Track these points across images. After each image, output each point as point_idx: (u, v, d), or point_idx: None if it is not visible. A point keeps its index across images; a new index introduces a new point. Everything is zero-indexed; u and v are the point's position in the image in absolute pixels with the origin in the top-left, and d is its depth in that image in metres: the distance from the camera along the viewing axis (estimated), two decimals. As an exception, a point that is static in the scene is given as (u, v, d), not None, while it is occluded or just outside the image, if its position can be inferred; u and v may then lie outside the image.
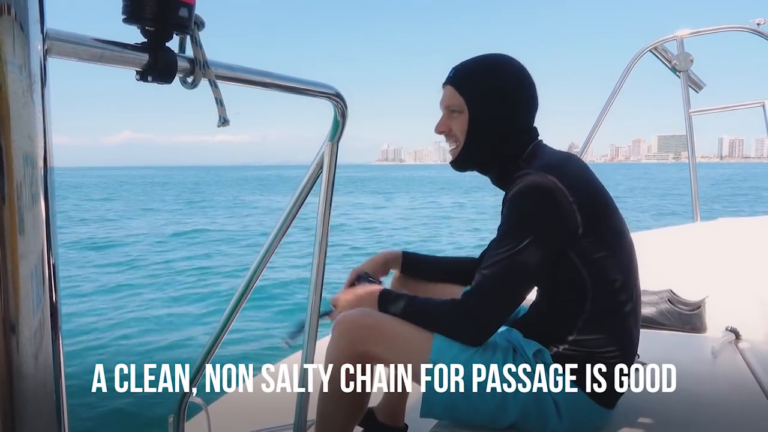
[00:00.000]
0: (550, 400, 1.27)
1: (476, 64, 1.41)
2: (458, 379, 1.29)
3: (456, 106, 1.40)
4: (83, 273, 9.79)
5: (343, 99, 1.09)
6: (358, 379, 1.38)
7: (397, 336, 1.35)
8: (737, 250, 2.69)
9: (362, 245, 13.39)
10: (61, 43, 0.52)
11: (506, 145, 1.38)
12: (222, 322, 1.31)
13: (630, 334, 1.34)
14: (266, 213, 23.06)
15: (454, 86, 1.40)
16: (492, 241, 1.32)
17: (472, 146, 1.40)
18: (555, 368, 1.29)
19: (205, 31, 0.71)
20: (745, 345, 2.00)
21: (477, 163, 1.43)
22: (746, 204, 24.45)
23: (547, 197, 1.25)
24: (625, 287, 1.32)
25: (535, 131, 1.41)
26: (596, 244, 1.27)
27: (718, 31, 2.95)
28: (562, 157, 1.38)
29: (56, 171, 0.44)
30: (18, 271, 0.40)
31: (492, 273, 1.25)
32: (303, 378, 1.26)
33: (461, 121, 1.39)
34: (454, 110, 1.40)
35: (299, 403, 1.26)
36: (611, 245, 1.31)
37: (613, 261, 1.31)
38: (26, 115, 0.40)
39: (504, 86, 1.36)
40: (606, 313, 1.30)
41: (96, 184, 54.03)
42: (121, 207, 27.00)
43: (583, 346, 1.30)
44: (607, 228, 1.31)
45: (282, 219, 1.25)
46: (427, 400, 1.31)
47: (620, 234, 1.34)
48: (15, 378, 0.40)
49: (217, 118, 0.76)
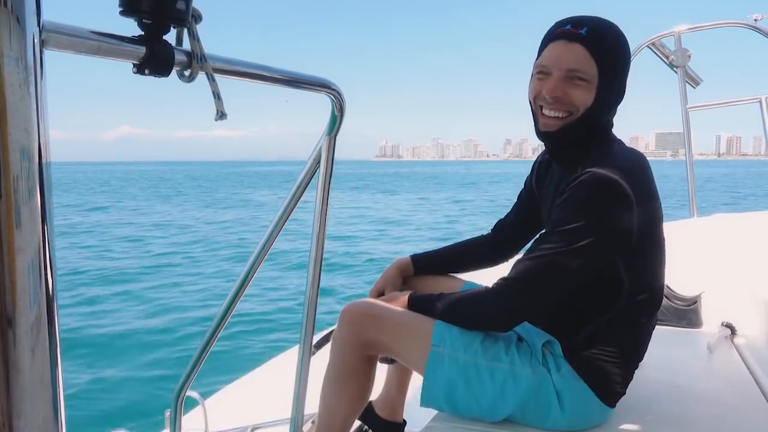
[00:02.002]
0: (553, 391, 1.27)
1: (609, 29, 1.20)
2: (460, 361, 1.29)
3: (586, 73, 1.19)
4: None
5: (340, 93, 1.09)
6: (363, 370, 1.39)
7: (402, 324, 1.36)
8: (733, 245, 2.70)
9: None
10: (58, 35, 0.52)
11: (607, 121, 1.29)
12: (219, 314, 1.30)
13: (646, 341, 1.35)
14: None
15: (588, 49, 1.18)
16: (547, 227, 1.27)
17: (585, 123, 1.23)
18: (562, 360, 1.29)
19: (202, 25, 0.70)
20: (741, 340, 2.01)
21: (580, 138, 1.26)
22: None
23: (613, 199, 1.16)
24: (655, 296, 1.31)
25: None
26: (643, 253, 1.26)
27: (716, 26, 2.95)
28: (634, 156, 1.30)
29: (53, 166, 0.44)
30: (15, 264, 0.40)
31: (541, 265, 1.20)
32: (300, 372, 1.26)
33: (586, 91, 1.20)
34: (581, 77, 1.19)
35: (296, 397, 1.27)
36: (654, 255, 1.30)
37: (652, 270, 1.30)
38: (23, 108, 0.40)
39: (628, 59, 1.25)
40: (630, 319, 1.29)
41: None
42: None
43: (598, 344, 1.29)
44: (654, 238, 1.28)
45: (279, 213, 1.25)
46: (428, 387, 1.31)
47: (662, 244, 1.31)
48: (12, 372, 0.40)
49: (214, 112, 0.76)
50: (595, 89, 1.20)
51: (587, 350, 1.29)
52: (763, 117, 2.64)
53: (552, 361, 1.30)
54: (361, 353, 1.38)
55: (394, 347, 1.38)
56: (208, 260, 10.54)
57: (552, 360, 1.30)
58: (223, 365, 4.04)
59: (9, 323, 0.40)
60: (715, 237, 2.84)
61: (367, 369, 1.41)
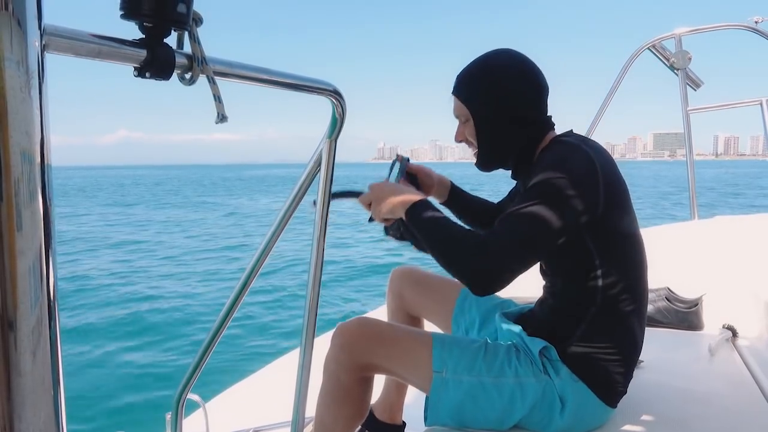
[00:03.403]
0: (556, 396, 1.27)
1: (473, 67, 1.39)
2: (465, 383, 1.28)
3: (462, 114, 1.41)
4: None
5: (341, 96, 1.09)
6: (359, 392, 1.37)
7: (397, 344, 1.35)
8: (735, 247, 2.70)
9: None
10: (59, 38, 0.52)
11: (519, 138, 1.36)
12: (220, 317, 1.30)
13: (634, 334, 1.34)
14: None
15: (456, 95, 1.41)
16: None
17: (485, 147, 1.40)
18: (560, 364, 1.29)
19: (203, 28, 0.70)
20: (742, 342, 2.00)
21: (497, 161, 1.42)
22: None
23: (577, 161, 1.22)
24: (635, 287, 1.31)
25: (549, 121, 1.38)
26: (612, 234, 1.26)
27: (717, 29, 2.95)
28: (590, 140, 1.34)
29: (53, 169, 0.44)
30: (16, 268, 0.40)
31: (514, 223, 1.17)
32: (301, 375, 1.26)
33: (470, 126, 1.40)
34: (463, 118, 1.41)
35: (297, 399, 1.26)
36: (625, 241, 1.30)
37: (626, 259, 1.30)
38: (24, 112, 0.40)
39: (501, 82, 1.34)
40: (613, 312, 1.29)
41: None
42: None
43: (591, 342, 1.29)
44: (623, 221, 1.28)
45: (280, 216, 1.25)
46: (434, 412, 1.30)
47: (634, 233, 1.32)
48: (13, 375, 0.40)
49: (215, 115, 0.76)
50: (473, 121, 1.38)
51: (581, 350, 1.30)
52: (763, 119, 2.64)
53: (550, 366, 1.30)
54: (356, 375, 1.35)
55: (391, 369, 1.36)
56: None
57: (550, 365, 1.30)
58: (224, 368, 4.04)
59: (10, 326, 0.40)
60: (716, 239, 2.84)
61: (363, 390, 1.38)
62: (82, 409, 4.08)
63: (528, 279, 1.26)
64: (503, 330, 1.45)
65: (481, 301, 1.61)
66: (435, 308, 1.66)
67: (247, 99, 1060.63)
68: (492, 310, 1.58)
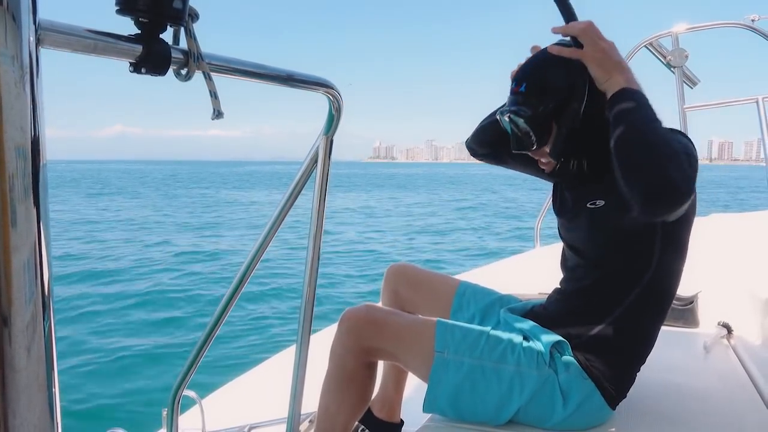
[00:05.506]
0: (558, 391, 1.27)
1: (537, 73, 1.31)
2: (466, 365, 1.29)
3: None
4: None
5: (338, 92, 1.08)
6: (364, 376, 1.38)
7: (403, 329, 1.36)
8: (730, 245, 2.71)
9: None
10: (54, 33, 0.52)
11: (589, 138, 1.28)
12: (216, 313, 1.30)
13: (652, 339, 1.35)
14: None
15: (530, 109, 1.31)
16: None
17: (559, 160, 1.34)
18: (572, 360, 1.29)
19: (199, 24, 0.70)
20: (737, 340, 2.01)
21: (574, 172, 1.34)
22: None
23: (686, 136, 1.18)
24: (667, 298, 1.32)
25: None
26: (677, 241, 1.26)
27: (714, 27, 2.95)
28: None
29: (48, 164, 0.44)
30: (10, 263, 0.40)
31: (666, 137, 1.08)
32: (297, 371, 1.26)
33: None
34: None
35: (293, 396, 1.26)
36: (681, 250, 1.30)
37: (673, 269, 1.31)
38: (18, 107, 0.40)
39: (571, 84, 1.27)
40: (638, 318, 1.30)
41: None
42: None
43: (608, 343, 1.29)
44: (686, 232, 1.28)
45: (276, 213, 1.25)
46: (432, 394, 1.31)
47: (687, 245, 1.31)
48: (7, 370, 0.40)
49: (211, 111, 0.76)
50: (551, 134, 1.30)
51: (597, 349, 1.30)
52: (759, 117, 2.64)
53: (560, 360, 1.30)
54: (361, 360, 1.37)
55: (395, 354, 1.37)
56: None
57: (559, 360, 1.30)
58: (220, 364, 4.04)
59: (4, 322, 0.40)
60: (712, 237, 2.85)
61: (367, 375, 1.40)
62: (77, 404, 4.07)
63: (528, 278, 1.26)
64: (510, 324, 1.45)
65: (480, 297, 1.61)
66: (430, 305, 1.66)
67: (243, 96, 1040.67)
68: (492, 305, 1.59)
